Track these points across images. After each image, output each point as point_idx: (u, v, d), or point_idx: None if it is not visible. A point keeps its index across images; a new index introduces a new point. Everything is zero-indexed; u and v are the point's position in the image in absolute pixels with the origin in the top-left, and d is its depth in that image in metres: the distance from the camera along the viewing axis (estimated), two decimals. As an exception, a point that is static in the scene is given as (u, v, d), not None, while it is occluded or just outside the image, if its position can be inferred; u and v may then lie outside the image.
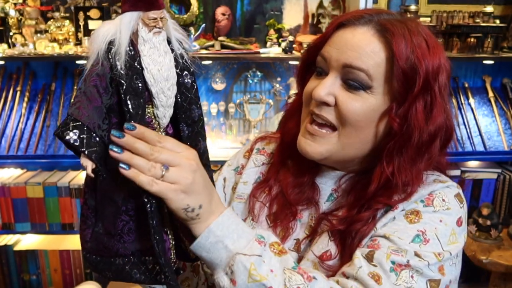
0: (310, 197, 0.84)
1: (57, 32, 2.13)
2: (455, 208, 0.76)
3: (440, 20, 2.25)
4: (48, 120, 2.17)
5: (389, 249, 0.70)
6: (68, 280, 2.28)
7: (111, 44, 0.61)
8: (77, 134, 0.59)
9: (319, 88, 0.74)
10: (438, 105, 0.73)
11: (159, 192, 0.61)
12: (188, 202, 0.63)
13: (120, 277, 0.68)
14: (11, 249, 2.23)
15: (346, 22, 0.76)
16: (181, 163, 0.63)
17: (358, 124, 0.74)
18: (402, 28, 0.72)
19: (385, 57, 0.72)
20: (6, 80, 2.24)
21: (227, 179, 0.96)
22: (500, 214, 2.24)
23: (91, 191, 0.68)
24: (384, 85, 0.73)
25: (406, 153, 0.73)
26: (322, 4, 2.21)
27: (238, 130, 2.37)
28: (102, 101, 0.61)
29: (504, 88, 2.35)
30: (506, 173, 2.23)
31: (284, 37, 2.18)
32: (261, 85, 2.35)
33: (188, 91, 0.68)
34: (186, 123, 0.68)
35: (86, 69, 0.63)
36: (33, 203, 2.12)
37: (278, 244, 0.69)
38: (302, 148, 0.79)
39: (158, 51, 0.63)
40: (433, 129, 0.73)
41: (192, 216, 0.64)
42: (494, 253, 1.96)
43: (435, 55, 0.73)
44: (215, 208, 0.67)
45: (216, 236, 0.65)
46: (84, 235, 0.69)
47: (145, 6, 0.61)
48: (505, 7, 2.30)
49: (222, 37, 2.17)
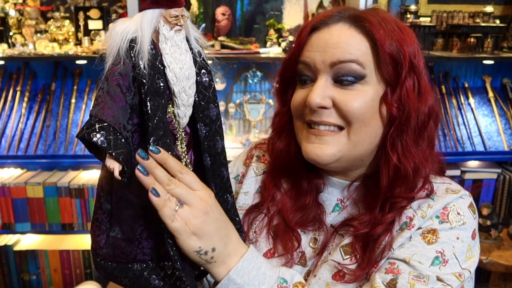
0: (317, 216, 0.81)
1: (57, 32, 2.13)
2: (469, 221, 0.74)
3: (440, 20, 2.25)
4: (48, 120, 2.17)
5: (411, 275, 0.69)
6: (68, 280, 2.28)
7: (132, 42, 0.59)
8: (104, 135, 0.57)
9: (313, 95, 0.71)
10: (425, 85, 0.74)
11: (176, 229, 0.61)
12: (200, 244, 0.62)
13: (138, 284, 0.66)
14: (11, 249, 2.23)
15: (318, 24, 0.74)
16: (194, 202, 0.62)
17: (364, 118, 0.72)
18: (374, 16, 0.72)
19: (369, 45, 0.71)
20: (6, 80, 2.24)
21: None
22: (500, 214, 2.24)
23: (107, 195, 0.66)
24: (376, 73, 0.72)
25: (408, 136, 0.72)
26: (322, 4, 2.21)
27: (238, 130, 2.37)
28: (126, 101, 0.60)
29: (504, 88, 2.35)
30: (506, 173, 2.23)
31: (284, 37, 2.18)
32: (261, 85, 2.35)
33: (206, 90, 0.67)
34: (204, 123, 0.67)
35: (106, 68, 0.61)
36: (33, 203, 2.12)
37: (302, 285, 0.69)
38: (312, 154, 0.74)
39: (179, 49, 0.62)
40: (426, 109, 0.73)
41: (207, 259, 0.64)
42: (494, 253, 1.96)
43: (409, 38, 0.73)
44: (232, 250, 0.66)
45: (236, 283, 0.64)
46: (98, 241, 0.67)
47: (167, 3, 0.60)
48: (505, 7, 2.30)
49: (222, 37, 2.17)
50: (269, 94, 2.36)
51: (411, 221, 0.73)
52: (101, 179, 0.67)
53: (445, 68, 2.33)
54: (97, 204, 0.67)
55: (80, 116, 2.19)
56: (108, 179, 0.65)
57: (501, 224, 2.09)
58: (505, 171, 2.25)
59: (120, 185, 0.63)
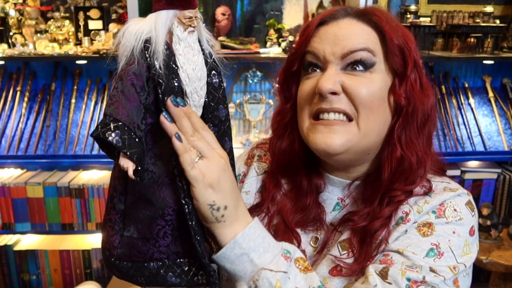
0: (317, 216, 0.81)
1: (57, 32, 2.13)
2: (467, 218, 0.74)
3: (440, 20, 2.25)
4: (48, 120, 2.17)
5: (403, 265, 0.69)
6: (68, 280, 2.28)
7: (147, 43, 0.60)
8: (119, 135, 0.57)
9: (324, 80, 0.72)
10: (426, 81, 0.76)
11: (194, 176, 0.61)
12: (214, 198, 0.63)
13: (154, 282, 0.66)
14: (11, 249, 2.23)
15: (326, 19, 0.77)
16: (213, 157, 0.63)
17: (372, 105, 0.72)
18: (379, 11, 0.75)
19: (377, 36, 0.74)
20: (6, 80, 2.24)
21: None
22: (500, 214, 2.24)
23: (120, 195, 0.66)
24: (384, 63, 0.74)
25: (412, 129, 0.74)
26: (322, 4, 2.21)
27: (238, 130, 2.37)
28: (140, 100, 0.60)
29: (504, 88, 2.35)
30: (506, 173, 2.23)
31: (284, 37, 2.18)
32: (261, 85, 2.35)
33: (216, 91, 0.67)
34: (213, 123, 0.68)
35: (120, 68, 0.61)
36: (33, 203, 2.12)
37: (303, 260, 0.68)
38: (321, 143, 0.73)
39: (192, 50, 0.63)
40: (429, 104, 0.75)
41: (217, 216, 0.64)
42: (494, 253, 1.96)
43: (410, 36, 0.76)
44: (241, 215, 0.67)
45: (242, 248, 0.64)
46: (112, 241, 0.67)
47: (182, 5, 0.61)
48: (505, 7, 2.30)
49: (222, 37, 2.17)
50: (269, 94, 2.36)
51: (407, 215, 0.74)
52: (113, 180, 0.67)
53: (445, 68, 2.33)
54: (110, 204, 0.67)
55: (80, 116, 2.19)
56: (121, 180, 0.65)
57: (501, 224, 2.09)
58: (505, 171, 2.25)
59: (138, 185, 0.63)
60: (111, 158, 0.62)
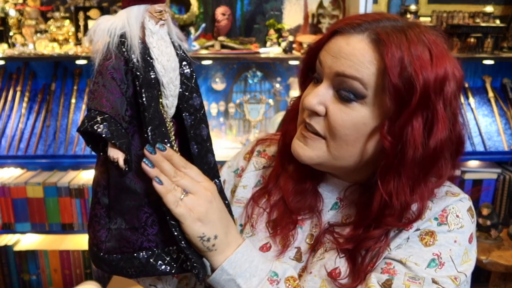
0: (313, 205, 0.82)
1: (57, 32, 2.13)
2: (467, 225, 0.74)
3: (440, 20, 2.25)
4: (48, 120, 2.17)
5: (406, 276, 0.69)
6: (68, 280, 2.28)
7: (122, 37, 0.62)
8: (107, 126, 0.59)
9: (311, 97, 0.71)
10: (441, 119, 0.67)
11: (180, 214, 0.64)
12: (204, 230, 0.66)
13: (144, 272, 0.67)
14: (11, 249, 2.23)
15: (341, 30, 0.71)
16: (199, 191, 0.66)
17: (347, 138, 0.70)
18: (400, 37, 0.67)
19: (379, 68, 0.67)
20: (6, 80, 2.25)
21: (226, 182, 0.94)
22: (500, 214, 2.24)
23: (104, 189, 0.68)
24: (377, 97, 0.68)
25: (404, 173, 0.68)
26: (322, 4, 2.21)
27: (238, 130, 2.37)
28: (122, 93, 0.62)
29: (504, 88, 2.35)
30: (506, 173, 2.23)
31: (284, 37, 2.18)
32: (261, 85, 2.35)
33: (188, 80, 0.70)
34: (188, 112, 0.70)
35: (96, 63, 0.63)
36: (33, 203, 2.12)
37: (294, 279, 0.70)
38: (294, 150, 0.76)
39: (165, 43, 0.65)
40: (433, 145, 0.68)
41: (209, 246, 0.66)
42: (494, 253, 1.96)
43: (439, 65, 0.66)
44: (232, 240, 0.69)
45: (229, 274, 0.67)
46: (99, 236, 0.68)
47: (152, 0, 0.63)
48: (505, 7, 2.30)
49: (222, 37, 2.17)
50: (269, 94, 2.36)
51: None
52: (96, 175, 0.69)
53: (445, 68, 2.33)
54: (95, 199, 0.69)
55: (80, 116, 2.19)
56: (104, 174, 0.67)
57: (501, 224, 2.09)
58: (505, 171, 2.25)
59: (119, 177, 0.65)
60: (95, 152, 0.64)
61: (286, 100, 2.34)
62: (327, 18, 2.20)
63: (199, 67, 2.30)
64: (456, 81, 0.69)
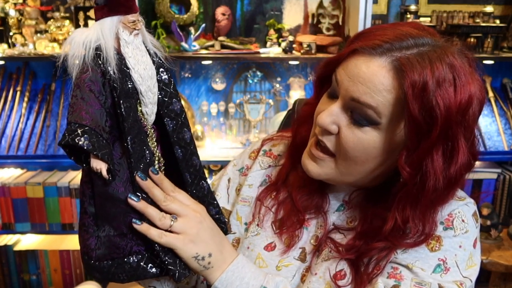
0: (319, 205, 0.82)
1: (57, 32, 2.13)
2: (472, 230, 0.74)
3: (440, 20, 2.25)
4: (48, 120, 2.17)
5: (413, 281, 0.70)
6: (68, 280, 2.28)
7: (97, 50, 0.63)
8: (88, 139, 0.60)
9: (324, 115, 0.71)
10: (461, 148, 0.66)
11: (167, 243, 0.67)
12: (197, 250, 0.68)
13: (136, 275, 0.69)
14: (11, 249, 2.23)
15: (362, 50, 0.68)
16: (188, 214, 0.69)
17: (357, 159, 0.71)
18: (423, 65, 0.63)
19: (398, 96, 0.65)
20: (6, 80, 2.24)
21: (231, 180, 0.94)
22: (500, 214, 2.24)
23: (90, 199, 0.69)
24: (393, 124, 0.67)
25: (421, 202, 0.68)
26: (322, 4, 2.21)
27: (238, 130, 2.37)
28: (101, 104, 0.63)
29: (504, 88, 2.35)
30: (506, 173, 2.23)
31: (284, 37, 2.18)
32: (261, 85, 2.35)
33: (167, 86, 0.71)
34: (169, 117, 0.71)
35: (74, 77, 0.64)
36: (33, 203, 2.12)
37: None
38: (304, 166, 0.78)
39: (140, 52, 0.66)
40: (453, 174, 0.67)
41: (204, 265, 0.69)
42: (494, 253, 1.96)
43: (463, 92, 0.64)
44: (228, 256, 0.72)
45: None
46: (88, 245, 0.69)
47: (125, 10, 0.64)
48: (505, 7, 2.30)
49: (222, 37, 2.17)
50: (269, 94, 2.36)
51: None
52: (81, 185, 0.70)
53: (445, 68, 2.33)
54: (82, 209, 0.70)
55: (80, 116, 2.18)
56: (89, 184, 0.68)
57: (501, 224, 2.09)
58: (505, 171, 2.25)
59: (103, 186, 0.66)
60: (78, 164, 0.65)
61: (286, 100, 2.34)
62: (327, 18, 2.20)
63: (199, 67, 2.30)
64: (479, 103, 0.67)
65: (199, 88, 2.34)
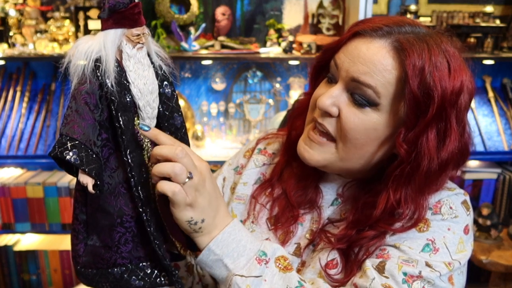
0: (313, 200, 0.83)
1: (57, 32, 2.13)
2: (462, 216, 0.75)
3: (440, 20, 2.25)
4: (48, 120, 2.17)
5: (400, 259, 0.70)
6: (68, 280, 2.28)
7: (97, 62, 0.62)
8: (76, 153, 0.60)
9: (325, 97, 0.72)
10: (453, 131, 0.69)
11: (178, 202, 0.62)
12: (192, 215, 0.65)
13: (119, 286, 0.68)
14: (11, 249, 2.23)
15: (363, 32, 0.71)
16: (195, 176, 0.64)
17: (357, 142, 0.71)
18: (422, 47, 0.67)
19: (398, 76, 0.67)
20: (6, 80, 2.25)
21: (226, 179, 0.95)
22: (500, 214, 2.24)
23: (82, 206, 0.69)
24: (392, 105, 0.69)
25: (414, 182, 0.70)
26: (322, 4, 2.21)
27: (238, 130, 2.37)
28: (94, 118, 0.63)
29: (504, 88, 2.35)
30: (506, 173, 2.23)
31: (284, 37, 2.18)
32: (261, 85, 2.35)
33: (169, 100, 0.70)
34: (169, 131, 0.70)
35: (72, 87, 0.64)
36: (33, 203, 2.12)
37: (284, 259, 0.69)
38: (301, 153, 0.77)
39: (142, 66, 0.65)
40: (445, 157, 0.69)
41: (195, 229, 0.66)
42: (494, 253, 1.96)
43: (456, 78, 0.68)
44: (219, 222, 0.68)
45: (216, 254, 0.67)
46: (77, 250, 0.70)
47: (130, 23, 0.63)
48: (505, 7, 2.30)
49: (222, 37, 2.17)
50: (269, 94, 2.36)
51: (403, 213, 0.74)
52: (75, 192, 0.70)
53: (445, 68, 2.33)
54: (74, 215, 0.70)
55: (80, 116, 2.19)
56: (82, 192, 0.68)
57: (501, 224, 2.09)
58: (505, 171, 2.25)
59: (95, 197, 0.66)
60: (70, 174, 0.65)
61: (286, 100, 2.34)
62: (327, 18, 2.20)
63: (199, 67, 2.30)
64: (469, 94, 0.71)
65: (199, 88, 2.34)
